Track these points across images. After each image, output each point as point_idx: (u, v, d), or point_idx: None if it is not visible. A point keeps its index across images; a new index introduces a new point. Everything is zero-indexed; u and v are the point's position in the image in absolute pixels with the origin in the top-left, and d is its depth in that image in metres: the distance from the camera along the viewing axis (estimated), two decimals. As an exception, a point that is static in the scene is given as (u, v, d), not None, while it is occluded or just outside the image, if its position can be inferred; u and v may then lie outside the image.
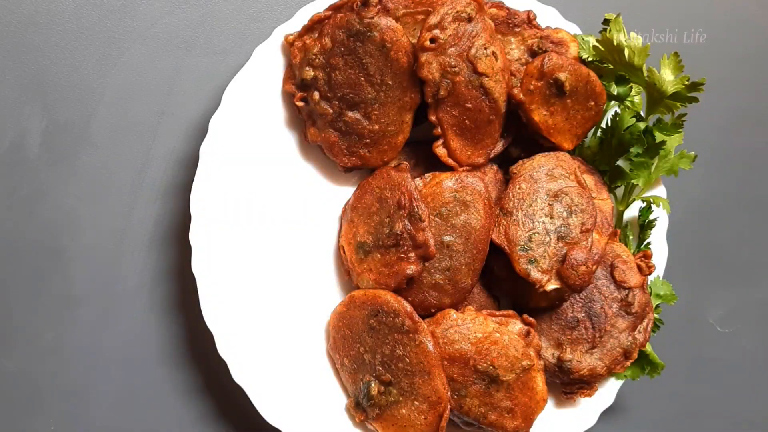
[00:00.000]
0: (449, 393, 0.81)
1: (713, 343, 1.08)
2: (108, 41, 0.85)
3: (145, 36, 0.86)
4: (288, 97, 0.85)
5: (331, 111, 0.83)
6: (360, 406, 0.84)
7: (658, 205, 0.92)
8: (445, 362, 0.81)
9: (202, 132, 0.87)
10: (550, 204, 0.85)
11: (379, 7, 0.80)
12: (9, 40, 0.83)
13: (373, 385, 0.81)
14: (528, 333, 0.84)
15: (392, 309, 0.81)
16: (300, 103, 0.83)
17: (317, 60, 0.81)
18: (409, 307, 0.81)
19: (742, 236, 1.09)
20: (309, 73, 0.82)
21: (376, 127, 0.83)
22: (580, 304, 0.88)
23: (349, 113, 0.83)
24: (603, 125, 0.92)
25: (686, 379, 1.06)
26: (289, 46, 0.83)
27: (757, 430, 1.10)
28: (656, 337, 0.93)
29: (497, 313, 0.85)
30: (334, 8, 0.81)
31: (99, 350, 0.88)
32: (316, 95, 0.83)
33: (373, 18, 0.79)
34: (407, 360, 0.80)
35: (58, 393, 0.88)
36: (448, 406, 0.81)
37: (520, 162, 0.87)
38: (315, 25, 0.82)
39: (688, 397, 1.07)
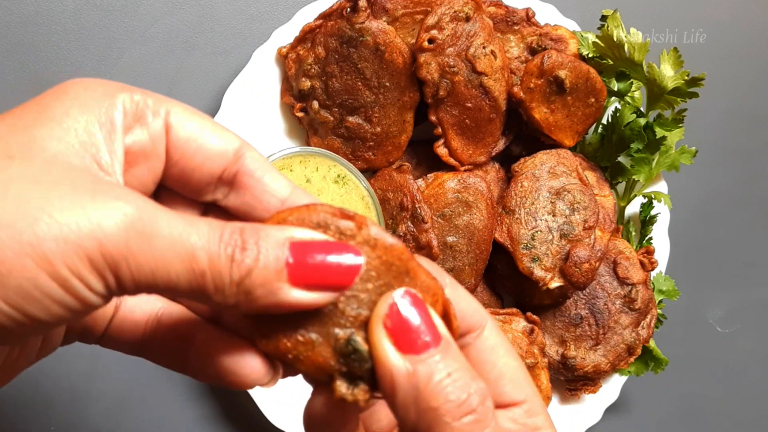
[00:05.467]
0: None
1: (713, 343, 1.08)
2: (108, 41, 0.85)
3: (145, 36, 0.86)
4: (287, 109, 0.85)
5: (331, 118, 0.83)
6: (350, 376, 0.40)
7: (659, 201, 0.92)
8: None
9: (202, 133, 0.86)
10: (552, 202, 0.85)
11: (368, 11, 0.79)
12: (9, 40, 0.83)
13: (357, 338, 0.40)
14: (532, 331, 0.84)
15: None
16: (300, 114, 0.83)
17: (312, 70, 0.81)
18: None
19: (742, 236, 1.09)
20: (306, 83, 0.82)
21: (379, 129, 0.83)
22: (584, 301, 0.88)
23: (350, 118, 0.83)
24: (603, 121, 0.92)
25: (687, 377, 1.06)
26: (282, 58, 0.83)
27: (757, 429, 1.09)
28: (657, 336, 0.93)
29: (501, 311, 0.85)
30: (323, 17, 0.81)
31: (100, 351, 0.87)
32: (315, 104, 0.82)
33: (363, 23, 0.79)
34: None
35: (59, 394, 0.87)
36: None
37: (522, 160, 0.87)
38: (306, 36, 0.81)
39: (690, 395, 1.06)
